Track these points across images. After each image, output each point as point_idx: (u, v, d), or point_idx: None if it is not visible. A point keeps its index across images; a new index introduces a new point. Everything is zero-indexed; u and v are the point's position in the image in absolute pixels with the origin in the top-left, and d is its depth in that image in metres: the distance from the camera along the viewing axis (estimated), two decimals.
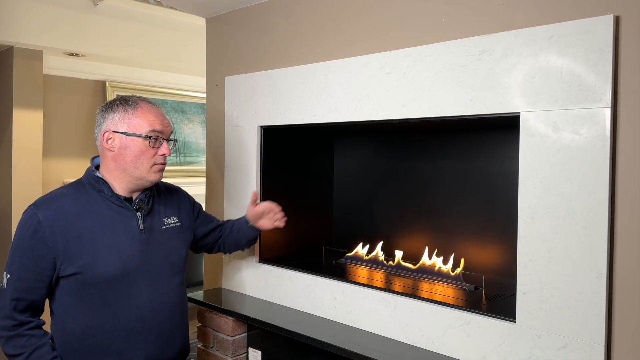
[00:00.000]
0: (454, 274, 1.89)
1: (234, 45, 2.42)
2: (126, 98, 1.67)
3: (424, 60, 1.69)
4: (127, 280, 1.60)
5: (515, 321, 1.50)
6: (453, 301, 1.69)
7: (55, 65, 3.98)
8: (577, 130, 1.39)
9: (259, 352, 2.20)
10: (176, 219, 1.80)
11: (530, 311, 1.47)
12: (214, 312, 2.22)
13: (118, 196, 1.64)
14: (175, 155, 4.72)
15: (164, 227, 1.73)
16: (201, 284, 3.34)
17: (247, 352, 2.23)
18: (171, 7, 3.71)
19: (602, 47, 1.35)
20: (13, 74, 3.57)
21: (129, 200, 1.66)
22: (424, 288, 1.86)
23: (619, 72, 1.36)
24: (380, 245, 2.20)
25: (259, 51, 2.31)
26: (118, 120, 1.62)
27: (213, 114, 2.52)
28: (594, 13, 1.39)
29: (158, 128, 1.65)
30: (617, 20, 1.36)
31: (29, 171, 3.62)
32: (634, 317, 1.35)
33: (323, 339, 1.77)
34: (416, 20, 1.78)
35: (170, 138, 1.71)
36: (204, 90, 2.64)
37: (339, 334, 1.83)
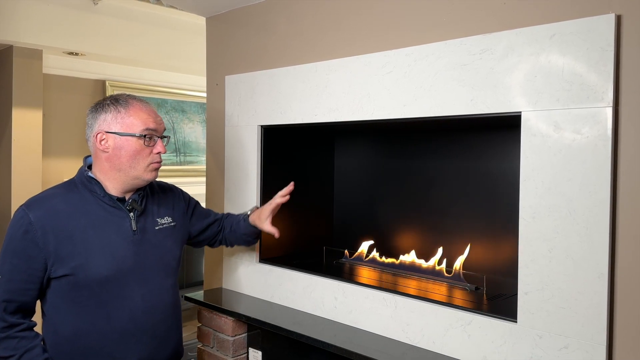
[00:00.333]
0: (454, 273, 1.88)
1: (234, 44, 2.42)
2: (116, 97, 1.64)
3: (424, 59, 1.69)
4: (119, 282, 1.58)
5: (516, 321, 1.50)
6: (454, 301, 1.69)
7: (54, 65, 3.98)
8: (578, 130, 1.39)
9: (259, 353, 2.19)
10: (170, 219, 1.77)
11: (531, 311, 1.47)
12: (214, 312, 2.22)
13: (111, 196, 1.62)
14: (175, 154, 4.72)
15: (157, 228, 1.71)
16: (201, 284, 3.35)
17: (247, 352, 2.23)
18: (171, 6, 3.70)
19: (603, 46, 1.35)
20: (12, 73, 3.57)
21: (121, 200, 1.64)
22: (424, 288, 1.86)
23: (621, 72, 1.36)
24: (368, 244, 2.21)
25: (259, 50, 2.30)
26: (110, 120, 1.59)
27: (213, 113, 2.51)
28: (595, 12, 1.39)
29: (152, 126, 1.62)
30: (618, 19, 1.36)
31: (28, 171, 3.62)
32: (635, 317, 1.34)
33: (323, 339, 1.77)
34: (417, 20, 1.77)
35: (163, 135, 1.68)
36: (204, 89, 2.64)
37: (340, 334, 1.83)
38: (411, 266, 2.01)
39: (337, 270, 2.10)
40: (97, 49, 3.71)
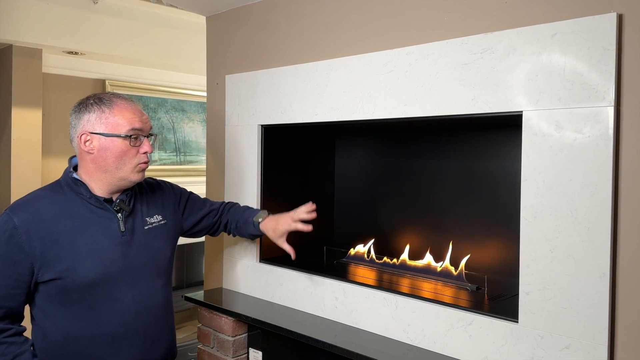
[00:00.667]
0: (456, 273, 1.88)
1: (235, 43, 2.41)
2: (100, 96, 1.58)
3: (425, 58, 1.68)
4: (109, 285, 1.55)
5: (517, 321, 1.49)
6: (455, 301, 1.69)
7: (54, 64, 3.97)
8: (580, 129, 1.38)
9: (259, 353, 2.19)
10: (160, 217, 1.72)
11: (532, 311, 1.46)
12: (215, 312, 2.21)
13: (97, 198, 1.58)
14: (175, 154, 4.71)
15: (146, 227, 1.66)
16: (201, 284, 3.34)
17: (247, 352, 2.23)
18: (171, 5, 3.70)
19: (605, 46, 1.35)
20: (12, 73, 3.56)
21: (109, 201, 1.60)
22: (425, 288, 1.85)
23: (622, 71, 1.36)
24: (371, 243, 2.21)
25: (259, 49, 2.30)
26: (94, 120, 1.54)
27: (213, 112, 2.51)
28: (597, 11, 1.38)
29: (137, 126, 1.57)
30: (620, 19, 1.35)
31: (28, 170, 3.62)
32: (637, 317, 1.34)
33: (324, 340, 1.77)
34: (418, 19, 1.77)
35: (150, 133, 1.63)
36: (204, 88, 2.64)
37: (340, 334, 1.82)
38: (412, 266, 2.00)
39: (338, 270, 2.10)
40: (97, 48, 3.70)
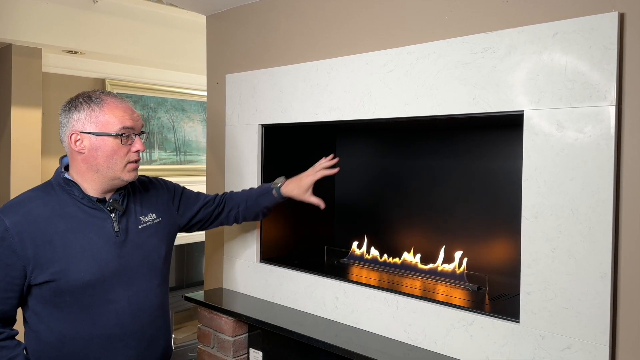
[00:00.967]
0: (457, 273, 1.88)
1: (235, 42, 2.41)
2: (89, 94, 1.54)
3: (426, 58, 1.68)
4: (103, 286, 1.52)
5: (518, 321, 1.49)
6: (456, 301, 1.68)
7: (54, 63, 3.97)
8: (581, 129, 1.38)
9: (260, 353, 2.18)
10: (154, 215, 1.69)
11: (534, 311, 1.46)
12: (215, 313, 2.21)
13: (90, 198, 1.55)
14: (175, 153, 4.71)
15: (140, 227, 1.63)
16: (201, 283, 3.34)
17: (248, 352, 2.22)
18: (171, 4, 3.69)
19: (606, 45, 1.34)
20: (12, 72, 3.55)
21: (102, 201, 1.57)
22: (426, 288, 1.85)
23: (624, 70, 1.36)
24: (365, 242, 2.21)
25: (260, 49, 2.29)
26: (84, 119, 1.51)
27: (213, 112, 2.50)
28: (598, 10, 1.38)
29: (128, 124, 1.53)
30: (621, 18, 1.35)
31: (27, 170, 3.61)
32: (638, 317, 1.34)
33: (325, 340, 1.76)
34: (419, 18, 1.76)
35: (142, 131, 1.60)
36: (205, 88, 2.63)
37: (341, 334, 1.82)
38: (413, 266, 2.00)
39: (339, 270, 2.09)
40: (97, 47, 3.69)
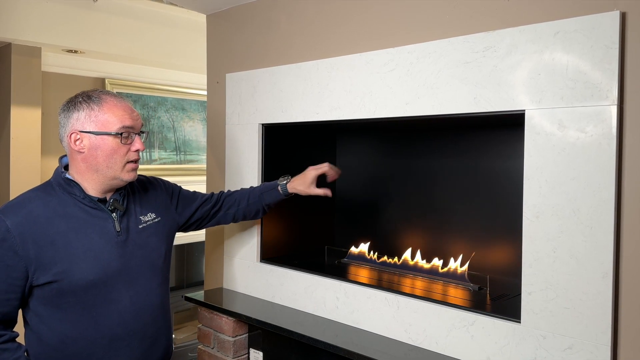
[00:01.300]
0: (458, 273, 1.87)
1: (235, 42, 2.40)
2: (89, 94, 1.55)
3: (427, 57, 1.67)
4: (106, 286, 1.52)
5: (520, 322, 1.49)
6: (457, 301, 1.68)
7: (53, 62, 3.96)
8: (582, 128, 1.38)
9: (260, 353, 2.18)
10: (154, 215, 1.70)
11: (535, 311, 1.46)
12: (215, 313, 2.21)
13: (91, 198, 1.55)
14: (175, 153, 4.70)
15: (141, 227, 1.64)
16: (202, 283, 3.33)
17: (248, 353, 2.22)
18: (171, 4, 3.68)
19: (608, 44, 1.34)
20: (11, 71, 3.55)
21: (102, 201, 1.57)
22: (427, 288, 1.85)
23: (626, 69, 1.35)
24: (366, 242, 2.21)
25: (260, 48, 2.29)
26: (84, 119, 1.51)
27: (214, 111, 2.50)
28: (599, 9, 1.38)
29: (128, 123, 1.53)
30: (623, 17, 1.35)
31: (27, 169, 3.60)
32: None
33: (325, 340, 1.76)
34: (420, 17, 1.76)
35: (141, 131, 1.60)
36: (205, 87, 2.63)
37: (342, 334, 1.82)
38: (414, 266, 1.99)
39: (339, 270, 2.09)
40: (97, 46, 3.69)
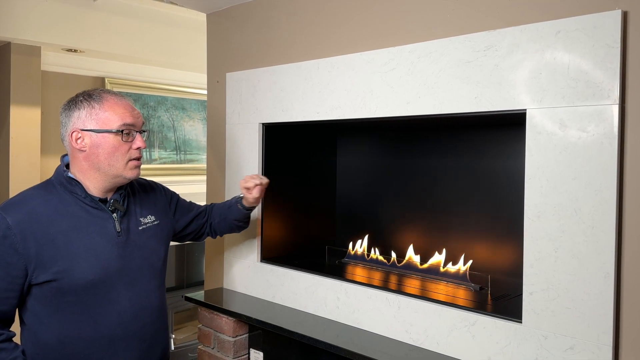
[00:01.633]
0: (459, 273, 1.87)
1: (235, 41, 2.40)
2: (90, 92, 1.55)
3: (428, 56, 1.67)
4: (106, 286, 1.51)
5: (521, 322, 1.49)
6: (458, 301, 1.68)
7: (53, 62, 3.95)
8: (584, 128, 1.37)
9: (260, 354, 2.18)
10: (153, 218, 1.70)
11: (536, 311, 1.45)
12: (215, 313, 2.20)
13: (92, 197, 1.54)
14: (175, 152, 4.70)
15: (141, 228, 1.64)
16: (202, 283, 3.33)
17: (248, 353, 2.22)
18: (171, 3, 3.68)
19: (609, 43, 1.33)
20: (10, 71, 3.54)
21: (103, 201, 1.57)
22: (428, 288, 1.84)
23: (627, 69, 1.35)
24: (366, 240, 2.21)
25: (260, 47, 2.28)
26: (85, 117, 1.51)
27: (214, 111, 2.49)
28: (601, 8, 1.37)
29: (129, 121, 1.54)
30: (625, 16, 1.34)
31: (26, 168, 3.60)
32: None
33: (326, 340, 1.76)
34: (421, 16, 1.75)
35: (142, 129, 1.60)
36: (205, 86, 2.62)
37: (342, 334, 1.81)
38: (415, 266, 1.99)
39: (340, 270, 2.09)
40: (96, 45, 3.68)
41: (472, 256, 1.96)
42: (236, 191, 2.32)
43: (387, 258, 2.09)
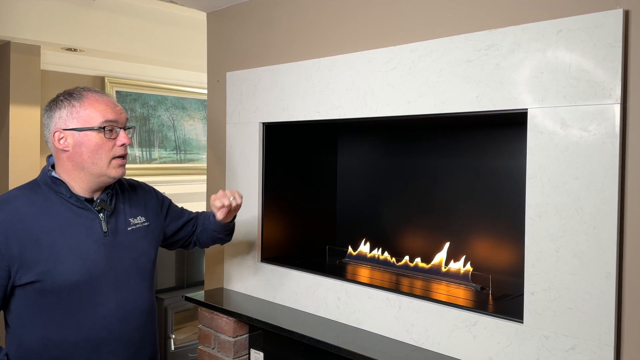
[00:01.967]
0: (460, 273, 1.86)
1: (236, 40, 2.39)
2: (70, 91, 1.53)
3: (429, 55, 1.66)
4: (90, 288, 1.48)
5: (522, 322, 1.48)
6: (459, 301, 1.67)
7: (53, 61, 3.95)
8: (585, 127, 1.37)
9: (261, 354, 2.17)
10: (143, 219, 1.66)
11: (538, 311, 1.45)
12: (215, 313, 2.20)
13: (78, 197, 1.51)
14: (175, 152, 4.69)
15: (130, 228, 1.60)
16: (202, 283, 3.33)
17: (249, 353, 2.21)
18: (171, 1, 3.68)
19: (611, 42, 1.33)
20: (10, 70, 3.54)
21: (89, 201, 1.53)
22: (429, 288, 1.84)
23: (629, 68, 1.35)
24: (367, 241, 2.19)
25: (261, 46, 2.28)
26: (66, 116, 1.49)
27: (214, 110, 2.49)
28: (603, 7, 1.37)
29: (111, 117, 1.50)
30: (626, 15, 1.34)
31: (26, 168, 3.60)
32: None
33: (326, 340, 1.75)
34: (422, 15, 1.75)
35: (127, 126, 1.57)
36: (205, 86, 2.62)
37: (343, 334, 1.81)
38: (415, 266, 1.99)
39: (340, 270, 2.08)
40: (96, 45, 3.68)
41: (474, 256, 1.95)
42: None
43: (387, 258, 2.09)
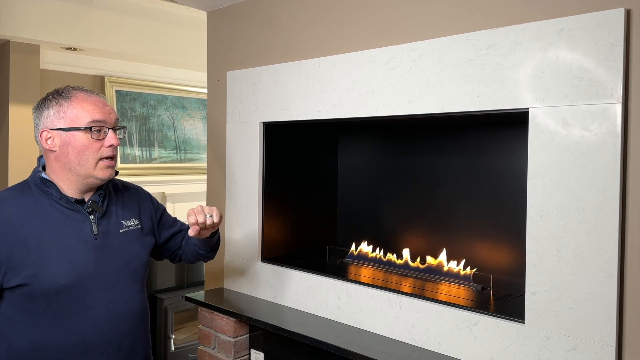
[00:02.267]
0: (461, 273, 1.86)
1: (236, 39, 2.39)
2: (59, 90, 1.50)
3: (430, 54, 1.66)
4: (80, 291, 1.45)
5: (523, 322, 1.48)
6: (460, 302, 1.67)
7: (52, 60, 3.95)
8: (587, 127, 1.36)
9: (261, 354, 2.17)
10: (136, 221, 1.62)
11: (539, 312, 1.44)
12: (216, 313, 2.20)
13: (68, 198, 1.48)
14: (175, 152, 4.69)
15: (122, 231, 1.56)
16: (202, 283, 3.32)
17: (249, 353, 2.21)
18: (171, 1, 3.67)
19: (612, 42, 1.33)
20: (10, 69, 3.54)
21: (80, 202, 1.50)
22: (430, 288, 1.83)
23: (631, 67, 1.34)
24: (368, 241, 2.19)
25: (261, 46, 2.27)
26: (54, 116, 1.46)
27: (214, 109, 2.48)
28: (604, 6, 1.37)
29: (98, 117, 1.47)
30: (628, 14, 1.34)
31: (25, 167, 3.57)
32: None
33: (327, 340, 1.75)
34: (422, 14, 1.74)
35: (118, 127, 1.53)
36: (205, 85, 2.61)
37: (344, 335, 1.81)
38: (416, 266, 1.98)
39: (341, 270, 2.08)
40: (96, 44, 3.68)
41: (475, 256, 1.95)
42: (236, 190, 2.31)
43: (388, 258, 2.09)
